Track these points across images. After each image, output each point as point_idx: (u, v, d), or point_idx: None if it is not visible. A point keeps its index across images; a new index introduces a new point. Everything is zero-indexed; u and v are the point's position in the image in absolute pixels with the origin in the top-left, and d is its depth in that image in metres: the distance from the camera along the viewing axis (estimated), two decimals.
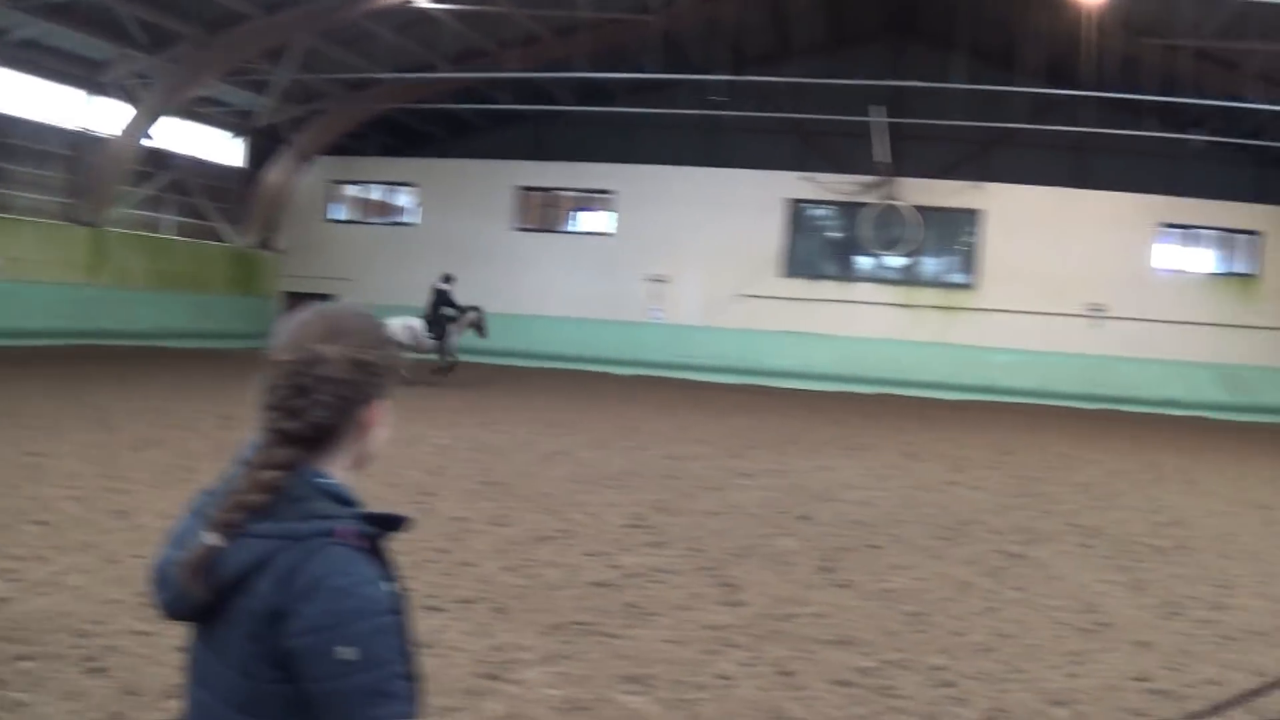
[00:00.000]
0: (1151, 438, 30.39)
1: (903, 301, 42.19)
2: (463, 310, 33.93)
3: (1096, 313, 41.23)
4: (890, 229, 41.84)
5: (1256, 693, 3.10)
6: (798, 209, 43.17)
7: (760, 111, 38.39)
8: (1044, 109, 38.30)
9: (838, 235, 43.49)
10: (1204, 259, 42.22)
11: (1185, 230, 41.81)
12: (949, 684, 8.35)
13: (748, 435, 24.37)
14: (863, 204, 41.96)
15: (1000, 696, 8.10)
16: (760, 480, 17.97)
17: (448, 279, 34.10)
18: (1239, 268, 41.59)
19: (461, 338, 34.17)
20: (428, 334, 32.99)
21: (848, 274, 43.25)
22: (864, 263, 43.33)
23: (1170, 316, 40.73)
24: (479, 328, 33.95)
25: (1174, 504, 18.61)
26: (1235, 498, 19.56)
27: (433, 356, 32.98)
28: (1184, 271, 41.78)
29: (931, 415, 33.08)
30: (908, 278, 42.95)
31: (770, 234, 42.77)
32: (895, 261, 42.81)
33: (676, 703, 7.48)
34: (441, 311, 33.64)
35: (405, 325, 32.16)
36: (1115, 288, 41.10)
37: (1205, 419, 38.36)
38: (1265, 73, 34.64)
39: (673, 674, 8.05)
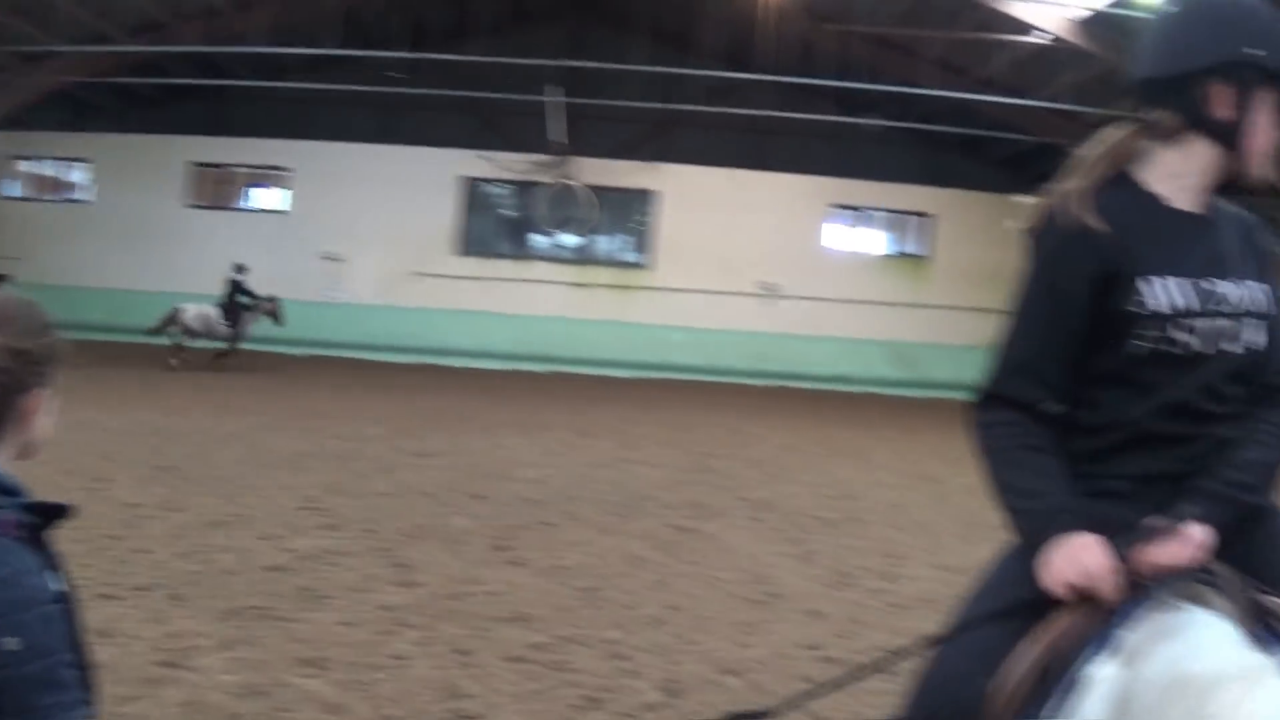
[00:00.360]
0: (824, 413, 31.25)
1: (578, 280, 42.60)
2: (259, 300, 33.92)
3: (769, 291, 42.23)
4: (566, 208, 42.18)
5: (906, 651, 3.35)
6: (474, 187, 43.16)
7: (438, 89, 38.28)
8: (721, 91, 38.95)
9: (513, 214, 43.66)
10: (876, 240, 43.66)
11: (858, 211, 43.17)
12: (623, 657, 8.50)
13: (423, 415, 24.34)
14: (539, 183, 42.19)
15: (673, 668, 8.28)
16: (435, 460, 18.00)
17: (240, 269, 34.16)
18: (910, 249, 43.13)
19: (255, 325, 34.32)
20: (223, 322, 33.01)
21: (523, 253, 43.38)
22: (539, 241, 43.59)
23: (842, 295, 41.99)
24: (275, 316, 33.83)
25: (845, 477, 19.21)
26: (905, 470, 20.26)
27: (220, 344, 33.28)
28: (856, 252, 43.16)
29: (606, 393, 33.42)
30: (583, 257, 43.42)
31: (446, 212, 42.65)
32: (570, 240, 43.25)
33: (353, 684, 7.50)
34: (238, 300, 33.60)
35: (199, 313, 32.08)
36: (789, 267, 42.18)
37: (876, 395, 39.61)
38: (941, 59, 35.91)
39: (348, 656, 8.05)
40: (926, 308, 41.49)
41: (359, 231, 42.09)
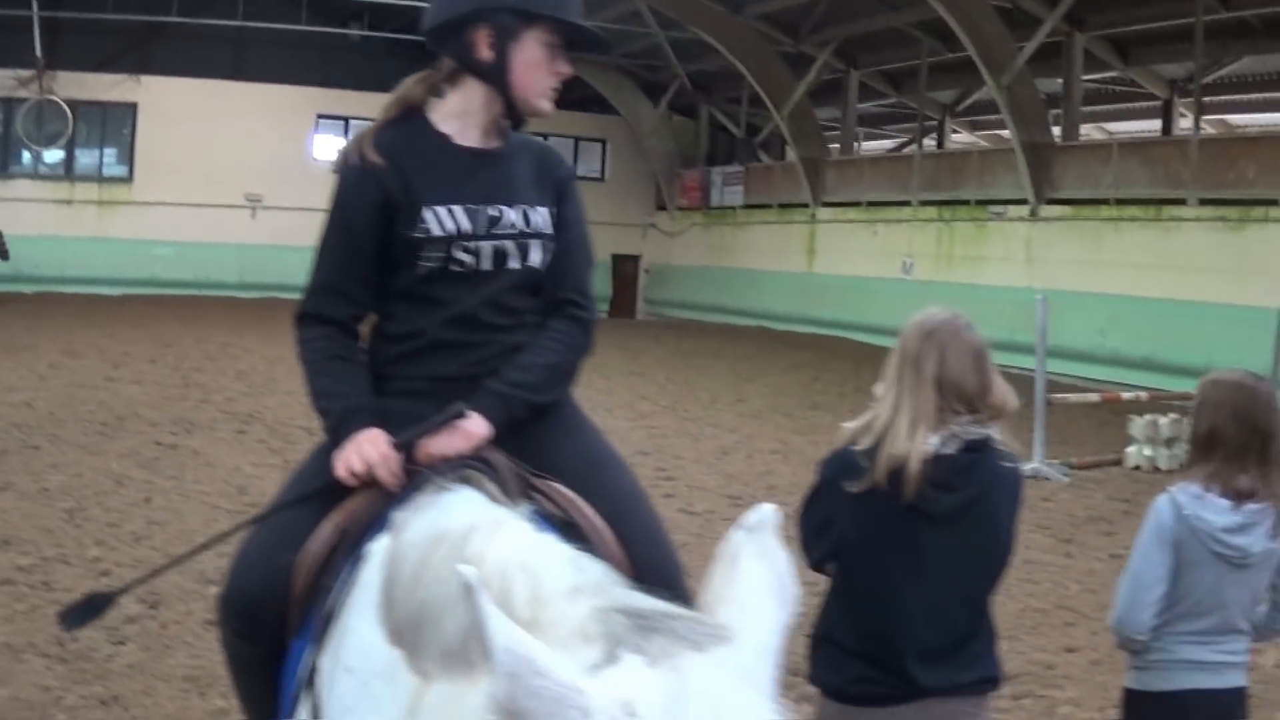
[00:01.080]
0: None
1: (61, 198, 41.60)
2: None
3: (254, 203, 42.25)
4: (47, 124, 41.05)
5: (232, 531, 4.02)
6: None
7: None
8: (204, 2, 38.64)
9: None
10: None
11: (343, 121, 43.42)
12: (106, 574, 8.94)
13: None
14: (19, 99, 40.94)
15: (154, 582, 8.70)
16: None
17: None
18: None
19: None
20: None
21: (4, 171, 42.07)
22: (21, 159, 42.39)
23: (327, 205, 42.28)
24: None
25: None
26: None
27: None
28: None
29: (93, 312, 32.93)
30: (65, 173, 42.45)
31: None
32: (52, 157, 42.10)
33: None
34: None
35: None
36: (275, 178, 42.08)
37: None
38: None
39: None
40: None
41: None
